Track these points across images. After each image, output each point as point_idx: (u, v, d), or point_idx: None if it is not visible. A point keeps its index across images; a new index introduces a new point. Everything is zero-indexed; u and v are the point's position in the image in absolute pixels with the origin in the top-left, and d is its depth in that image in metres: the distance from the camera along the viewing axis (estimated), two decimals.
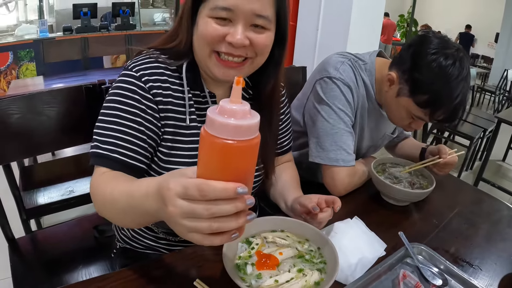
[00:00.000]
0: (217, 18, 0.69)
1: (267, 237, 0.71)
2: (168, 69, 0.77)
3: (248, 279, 0.61)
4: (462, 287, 0.74)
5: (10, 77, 4.95)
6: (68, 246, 1.25)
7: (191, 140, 0.79)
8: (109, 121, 0.71)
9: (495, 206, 1.12)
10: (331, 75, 1.08)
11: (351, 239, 0.77)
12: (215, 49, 0.71)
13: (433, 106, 0.94)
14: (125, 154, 0.70)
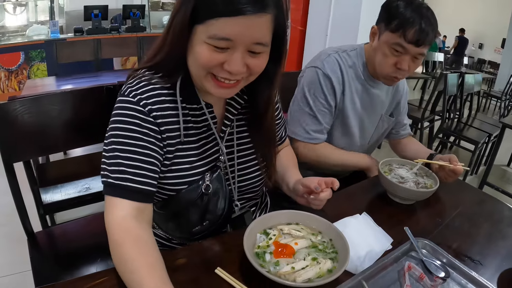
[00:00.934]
0: (215, 46, 0.69)
1: (283, 229, 0.78)
2: (164, 87, 0.78)
3: (267, 266, 0.67)
4: (464, 279, 0.79)
5: (21, 76, 5.03)
6: (86, 240, 1.30)
7: (187, 154, 0.82)
8: (114, 149, 0.73)
9: (496, 207, 1.17)
10: (315, 65, 1.26)
11: (360, 233, 0.83)
12: (212, 72, 0.73)
13: (405, 26, 1.08)
14: (134, 180, 0.71)
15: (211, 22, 0.67)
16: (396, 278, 0.78)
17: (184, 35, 0.71)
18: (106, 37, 5.03)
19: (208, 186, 0.82)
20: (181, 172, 0.82)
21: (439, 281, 0.77)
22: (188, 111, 0.82)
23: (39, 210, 1.43)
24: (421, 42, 1.08)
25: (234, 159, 0.90)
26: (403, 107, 1.43)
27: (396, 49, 1.12)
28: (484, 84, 8.68)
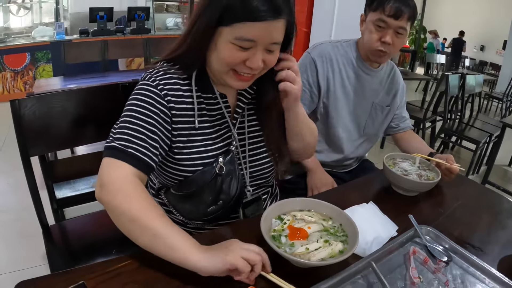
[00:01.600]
0: (240, 46, 0.78)
1: (296, 215, 0.84)
2: (180, 78, 0.87)
3: (283, 247, 0.73)
4: (465, 263, 0.84)
5: (27, 77, 5.09)
6: (100, 233, 1.34)
7: (200, 139, 0.90)
8: (125, 120, 0.81)
9: (496, 200, 1.23)
10: (307, 51, 1.42)
11: (367, 220, 0.89)
12: (234, 68, 0.83)
13: (383, 3, 1.23)
14: (137, 149, 0.78)
15: (238, 25, 0.77)
16: (402, 261, 0.83)
17: (208, 35, 0.80)
18: (113, 38, 5.09)
19: (222, 167, 0.91)
20: (196, 155, 0.90)
21: (442, 265, 0.83)
22: (203, 99, 0.90)
23: (53, 204, 1.46)
24: (398, 15, 1.23)
25: (245, 145, 0.97)
26: (401, 100, 1.51)
27: (379, 25, 1.27)
28: (486, 85, 8.73)
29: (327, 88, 1.39)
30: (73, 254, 1.24)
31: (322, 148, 1.49)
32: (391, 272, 0.79)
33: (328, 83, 1.39)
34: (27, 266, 1.87)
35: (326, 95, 1.40)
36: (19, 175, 2.77)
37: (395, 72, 1.48)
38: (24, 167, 1.24)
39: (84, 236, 1.33)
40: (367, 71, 1.40)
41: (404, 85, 1.53)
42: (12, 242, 2.08)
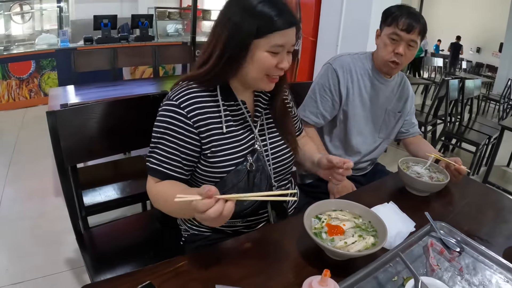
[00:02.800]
0: (273, 52, 0.94)
1: (331, 214, 0.95)
2: (203, 91, 1.00)
3: (325, 242, 0.84)
4: (475, 252, 0.95)
5: (32, 85, 5.14)
6: (133, 238, 1.41)
7: (229, 141, 1.02)
8: (157, 142, 0.97)
9: (498, 197, 1.36)
10: (328, 62, 1.55)
11: (390, 217, 0.99)
12: (269, 73, 0.97)
13: (397, 19, 1.37)
14: (168, 168, 0.97)
15: (272, 35, 0.92)
16: (422, 252, 0.94)
17: (246, 49, 0.93)
18: (119, 46, 5.15)
19: (252, 164, 1.02)
20: (228, 156, 1.01)
21: (456, 254, 0.94)
22: (227, 107, 1.03)
23: (81, 212, 1.47)
24: (410, 29, 1.36)
25: (267, 144, 1.10)
26: (410, 107, 1.64)
27: (393, 38, 1.40)
28: (483, 87, 8.88)
29: (346, 96, 1.51)
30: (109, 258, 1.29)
31: (340, 152, 1.60)
32: (414, 261, 0.90)
33: (348, 92, 1.51)
34: (48, 273, 1.91)
35: (345, 102, 1.52)
36: (31, 184, 2.90)
37: (405, 81, 1.61)
38: (60, 177, 1.28)
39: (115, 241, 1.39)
40: (381, 81, 1.52)
41: (413, 93, 1.65)
42: (30, 250, 2.11)
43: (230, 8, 0.96)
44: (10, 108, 4.99)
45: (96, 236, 1.40)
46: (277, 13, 0.91)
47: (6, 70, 4.93)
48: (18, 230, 2.29)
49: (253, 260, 0.87)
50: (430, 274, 0.86)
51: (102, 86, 3.24)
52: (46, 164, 3.17)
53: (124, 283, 0.75)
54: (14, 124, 4.34)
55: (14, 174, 3.06)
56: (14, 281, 1.86)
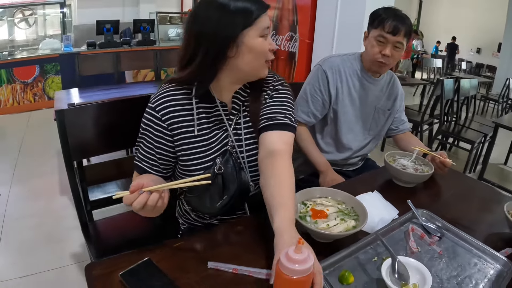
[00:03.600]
0: (263, 36, 0.98)
1: (316, 200, 1.02)
2: (181, 93, 1.03)
3: (309, 224, 0.91)
4: (456, 237, 1.01)
5: (36, 89, 5.23)
6: (134, 229, 1.49)
7: (200, 143, 1.04)
8: (139, 141, 1.06)
9: (485, 190, 1.42)
10: (318, 63, 1.63)
11: (373, 205, 1.07)
12: (267, 58, 1.01)
13: (383, 22, 1.44)
14: (146, 165, 1.05)
15: (258, 21, 0.96)
16: (403, 237, 1.01)
17: (235, 43, 0.95)
18: (122, 50, 5.24)
19: (220, 167, 1.05)
20: (197, 160, 1.05)
21: (435, 239, 1.00)
22: (202, 109, 1.05)
23: (86, 206, 1.56)
24: (396, 31, 1.43)
25: (242, 146, 1.08)
26: (400, 104, 1.71)
27: (380, 40, 1.47)
28: (483, 88, 8.93)
29: (336, 96, 1.58)
30: (111, 248, 1.35)
31: (331, 149, 1.68)
32: (395, 245, 0.96)
33: (337, 92, 1.58)
34: (54, 267, 2.01)
35: (335, 102, 1.59)
36: (37, 183, 3.02)
37: (394, 80, 1.68)
38: (67, 171, 1.35)
39: (118, 232, 1.49)
40: (370, 80, 1.59)
41: (403, 91, 1.72)
42: (39, 245, 2.20)
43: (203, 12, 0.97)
44: (15, 112, 5.10)
45: (100, 227, 1.48)
46: (251, 3, 0.96)
47: (11, 75, 5.04)
48: (24, 227, 2.38)
49: (244, 241, 0.95)
50: (410, 257, 0.93)
51: (105, 89, 3.32)
52: (51, 165, 3.27)
53: (125, 261, 0.81)
54: (19, 127, 4.44)
55: (20, 174, 3.16)
56: (21, 274, 1.95)
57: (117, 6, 7.19)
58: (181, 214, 1.26)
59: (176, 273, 0.79)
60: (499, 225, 1.11)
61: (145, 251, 0.87)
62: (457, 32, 11.39)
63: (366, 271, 0.86)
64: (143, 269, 0.79)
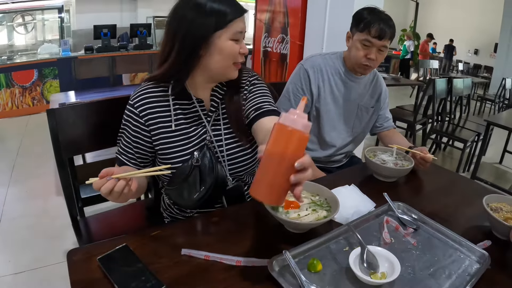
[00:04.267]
0: (235, 40, 1.01)
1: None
2: (159, 91, 1.09)
3: (280, 214, 0.94)
4: (431, 229, 1.03)
5: (34, 93, 5.31)
6: (123, 223, 1.56)
7: (178, 138, 1.10)
8: (120, 135, 1.12)
9: (467, 184, 1.44)
10: (300, 63, 1.65)
11: (349, 197, 1.10)
12: (235, 60, 1.04)
13: (369, 26, 1.44)
14: (124, 158, 1.10)
15: (231, 24, 1.00)
16: (378, 228, 1.03)
17: (206, 43, 1.00)
18: (118, 54, 5.31)
19: (198, 160, 1.09)
20: (175, 153, 1.10)
21: (410, 230, 1.02)
22: (179, 106, 1.10)
23: (78, 203, 1.59)
24: (382, 36, 1.45)
25: (222, 140, 1.14)
26: (384, 102, 1.73)
27: (365, 44, 1.48)
28: (481, 88, 8.97)
29: (318, 94, 1.61)
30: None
31: (315, 147, 1.71)
32: (368, 236, 0.99)
33: (319, 90, 1.61)
34: (49, 263, 2.08)
35: (317, 100, 1.62)
36: (34, 184, 3.09)
37: (377, 78, 1.71)
38: (58, 168, 1.40)
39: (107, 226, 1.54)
40: (352, 79, 1.62)
41: (387, 89, 1.75)
42: (34, 243, 2.28)
43: (181, 10, 1.01)
44: (13, 115, 5.16)
45: (90, 223, 1.54)
46: (228, 6, 1.00)
47: (9, 79, 5.10)
48: (20, 226, 2.45)
49: (218, 231, 0.99)
50: (383, 247, 0.95)
51: (100, 91, 3.39)
52: (48, 166, 3.32)
53: (104, 247, 0.86)
54: (17, 131, 4.51)
55: (18, 176, 3.23)
56: (16, 270, 2.02)
57: (115, 11, 7.28)
58: (165, 208, 1.30)
59: (150, 259, 0.83)
60: (479, 218, 1.12)
61: (124, 238, 0.91)
62: (455, 33, 11.44)
63: (336, 260, 0.88)
64: (119, 254, 0.84)
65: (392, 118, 1.79)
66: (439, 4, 12.40)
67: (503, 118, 3.62)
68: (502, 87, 6.53)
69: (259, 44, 3.57)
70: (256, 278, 0.80)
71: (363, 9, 1.52)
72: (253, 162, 1.19)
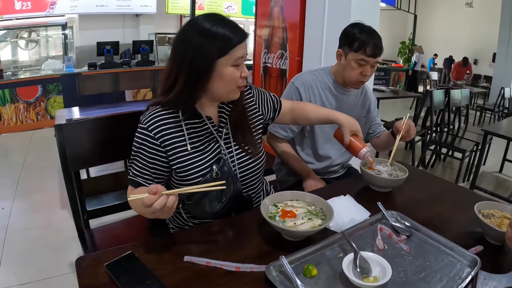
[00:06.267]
0: (236, 65, 1.06)
1: (287, 203, 1.10)
2: (169, 114, 1.11)
3: (277, 223, 0.99)
4: (424, 236, 1.06)
5: (38, 108, 5.39)
6: (128, 235, 1.59)
7: (195, 156, 1.13)
8: (133, 158, 1.13)
9: (460, 192, 1.48)
10: (291, 81, 1.71)
11: (344, 207, 1.14)
12: (238, 84, 1.09)
13: (364, 46, 1.49)
14: (141, 180, 1.11)
15: (232, 51, 1.04)
16: (371, 236, 1.07)
17: (210, 69, 1.04)
18: (121, 70, 5.40)
19: (217, 173, 1.14)
20: (194, 170, 1.13)
21: (403, 237, 1.06)
22: (191, 125, 1.14)
23: (83, 215, 1.65)
24: (376, 54, 1.52)
25: (232, 151, 1.20)
26: (374, 111, 1.80)
27: (360, 63, 1.53)
28: (481, 98, 9.02)
29: None
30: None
31: (311, 159, 1.76)
32: (363, 243, 1.03)
33: None
34: (54, 275, 2.11)
35: None
36: (38, 197, 3.17)
37: (366, 89, 1.78)
38: (65, 181, 1.45)
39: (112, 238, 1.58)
40: (342, 92, 1.68)
41: (375, 99, 1.83)
42: (39, 255, 2.31)
43: (187, 35, 1.06)
44: (18, 130, 5.24)
45: (96, 234, 1.58)
46: (232, 31, 1.04)
47: (14, 94, 5.19)
48: (26, 238, 2.49)
49: (219, 239, 1.04)
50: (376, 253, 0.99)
51: (104, 107, 3.47)
52: (53, 180, 3.40)
53: (111, 255, 0.91)
54: (22, 145, 4.58)
55: (23, 189, 3.29)
56: (21, 281, 2.05)
57: (117, 28, 7.41)
58: (171, 220, 1.34)
59: (155, 265, 0.88)
60: (471, 225, 1.16)
61: (130, 246, 0.96)
62: (453, 44, 11.57)
63: (330, 266, 0.93)
64: (126, 260, 0.89)
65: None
66: (437, 16, 12.55)
67: (503, 127, 3.65)
68: (501, 96, 6.58)
69: (259, 60, 3.64)
70: (254, 282, 0.85)
71: (352, 27, 1.56)
72: (258, 171, 1.27)
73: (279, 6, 3.23)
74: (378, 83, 8.74)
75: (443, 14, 12.38)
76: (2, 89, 5.07)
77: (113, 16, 7.17)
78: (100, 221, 1.80)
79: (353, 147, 1.34)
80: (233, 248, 0.97)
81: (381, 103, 4.59)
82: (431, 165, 4.15)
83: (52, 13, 6.29)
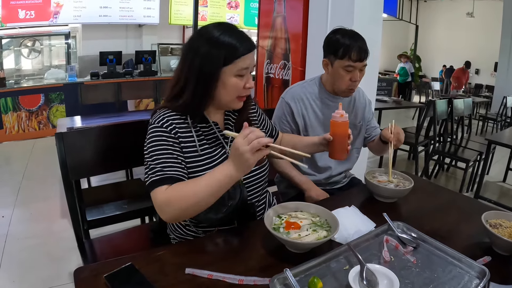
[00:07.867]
0: (240, 75, 1.07)
1: (291, 214, 1.08)
2: (178, 118, 1.11)
3: (281, 234, 0.97)
4: (431, 247, 1.04)
5: (41, 117, 5.40)
6: (128, 245, 1.57)
7: (204, 159, 1.13)
8: (153, 158, 1.05)
9: (465, 202, 1.46)
10: (282, 96, 1.70)
11: (349, 218, 1.12)
12: (239, 95, 1.10)
13: (349, 51, 1.46)
14: (172, 171, 1.03)
15: (238, 61, 1.05)
16: (378, 248, 1.05)
17: (216, 78, 1.06)
18: (123, 80, 5.41)
19: None
20: (204, 172, 1.11)
21: (410, 249, 1.04)
22: (200, 128, 1.15)
23: (83, 225, 1.61)
24: (362, 58, 1.49)
25: None
26: (369, 113, 1.78)
27: (348, 69, 1.51)
28: (483, 108, 9.01)
29: (304, 123, 1.66)
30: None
31: (311, 171, 1.73)
32: (369, 255, 1.00)
33: (304, 119, 1.65)
34: (53, 285, 2.09)
35: (304, 128, 1.66)
36: (39, 206, 3.15)
37: (359, 92, 1.75)
38: (65, 190, 1.43)
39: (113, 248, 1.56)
40: (333, 100, 1.65)
41: (370, 100, 1.81)
42: (38, 264, 2.29)
43: (196, 42, 1.08)
44: (20, 139, 5.24)
45: (95, 244, 1.56)
46: (239, 41, 1.05)
47: (16, 103, 5.21)
48: (25, 247, 2.47)
49: (221, 250, 1.03)
50: (383, 265, 0.97)
51: (106, 117, 3.45)
52: (54, 189, 3.38)
53: (110, 266, 0.89)
54: (23, 154, 4.57)
55: (23, 198, 3.28)
56: None
57: (120, 38, 7.45)
58: (173, 230, 1.32)
59: (155, 277, 0.86)
60: (478, 235, 1.14)
61: (130, 258, 0.94)
62: (455, 54, 11.59)
63: (336, 278, 0.90)
64: (125, 272, 0.87)
65: None
66: (438, 26, 12.62)
67: (506, 136, 3.62)
68: (503, 105, 6.57)
69: (262, 70, 3.63)
70: None
71: (333, 33, 1.54)
72: (263, 179, 1.27)
73: (282, 16, 3.24)
74: (380, 93, 8.74)
75: (444, 24, 12.44)
76: (4, 97, 5.09)
77: (116, 26, 7.20)
78: (100, 231, 1.77)
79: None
80: (236, 260, 0.94)
81: (384, 113, 4.60)
82: (434, 175, 4.11)
83: (56, 22, 6.33)
